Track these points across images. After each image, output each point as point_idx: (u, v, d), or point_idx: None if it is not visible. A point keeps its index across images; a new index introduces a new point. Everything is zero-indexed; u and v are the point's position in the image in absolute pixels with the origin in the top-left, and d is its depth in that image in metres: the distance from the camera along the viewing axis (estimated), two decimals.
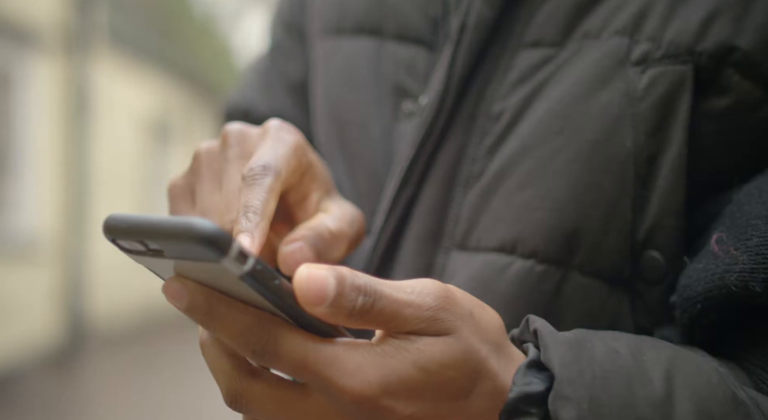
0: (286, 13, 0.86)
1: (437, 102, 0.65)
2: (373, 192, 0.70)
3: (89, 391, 6.89)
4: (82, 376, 7.55)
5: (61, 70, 8.39)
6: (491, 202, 0.63)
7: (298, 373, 0.46)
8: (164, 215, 0.44)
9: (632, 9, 0.61)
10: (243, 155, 0.59)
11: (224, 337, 0.46)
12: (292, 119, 0.81)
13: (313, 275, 0.44)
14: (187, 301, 0.46)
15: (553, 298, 0.60)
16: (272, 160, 0.57)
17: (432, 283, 0.48)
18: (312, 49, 0.80)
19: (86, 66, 8.72)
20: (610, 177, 0.59)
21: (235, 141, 0.60)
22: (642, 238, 0.59)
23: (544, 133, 0.61)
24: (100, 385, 7.10)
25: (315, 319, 0.46)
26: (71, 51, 8.51)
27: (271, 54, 0.87)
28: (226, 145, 0.60)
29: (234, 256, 0.42)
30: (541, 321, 0.52)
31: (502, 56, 0.65)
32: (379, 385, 0.45)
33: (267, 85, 0.85)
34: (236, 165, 0.59)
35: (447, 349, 0.47)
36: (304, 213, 0.62)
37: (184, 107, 12.65)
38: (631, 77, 0.60)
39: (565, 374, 0.48)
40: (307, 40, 0.83)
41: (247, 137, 0.60)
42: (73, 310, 8.66)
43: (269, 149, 0.58)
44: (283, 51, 0.85)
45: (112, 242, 0.46)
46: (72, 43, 8.49)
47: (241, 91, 0.88)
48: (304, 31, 0.83)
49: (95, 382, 7.26)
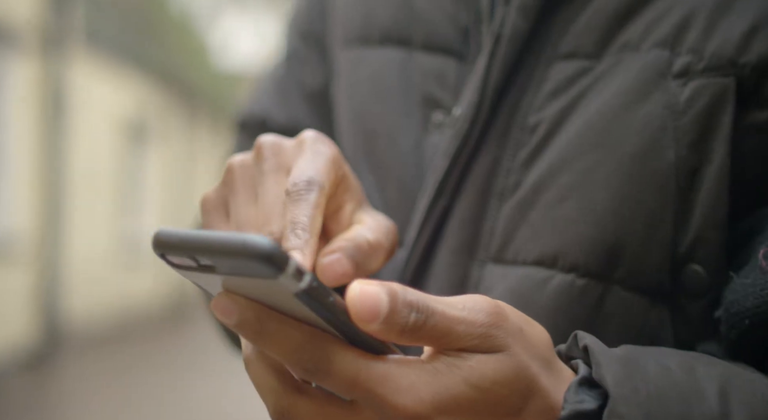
0: (303, 20, 0.85)
1: (472, 113, 0.65)
2: (403, 203, 0.69)
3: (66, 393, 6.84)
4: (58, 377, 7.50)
5: (37, 70, 8.33)
6: (529, 215, 0.63)
7: (349, 391, 0.45)
8: (217, 231, 0.44)
9: (673, 21, 0.61)
10: (279, 167, 0.59)
11: (275, 354, 0.46)
12: (309, 128, 0.79)
13: (366, 291, 0.44)
14: (237, 318, 0.45)
15: (594, 313, 0.60)
16: (315, 174, 0.56)
17: (483, 299, 0.48)
18: (334, 59, 0.79)
19: (62, 66, 8.66)
20: (652, 190, 0.59)
21: (270, 153, 0.60)
22: (684, 252, 0.59)
23: (584, 145, 0.61)
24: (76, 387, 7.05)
25: (367, 335, 0.45)
26: (47, 51, 8.45)
27: (287, 62, 0.86)
28: (261, 158, 0.59)
29: (291, 273, 0.42)
30: (591, 337, 0.52)
31: (537, 68, 0.65)
32: (431, 403, 0.45)
33: (283, 93, 0.84)
34: (272, 177, 0.58)
35: (499, 366, 0.46)
36: (337, 225, 0.61)
37: (161, 107, 12.59)
38: (672, 90, 0.59)
39: (619, 392, 0.48)
40: (326, 49, 0.82)
41: (282, 149, 0.60)
42: (50, 311, 8.60)
43: (310, 163, 0.57)
44: (300, 59, 0.84)
45: (160, 257, 0.46)
46: (48, 43, 8.44)
47: (256, 100, 0.87)
48: (323, 40, 0.82)
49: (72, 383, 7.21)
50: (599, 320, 0.60)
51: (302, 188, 0.55)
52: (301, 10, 0.86)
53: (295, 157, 0.59)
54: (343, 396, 0.47)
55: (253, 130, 0.84)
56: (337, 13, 0.80)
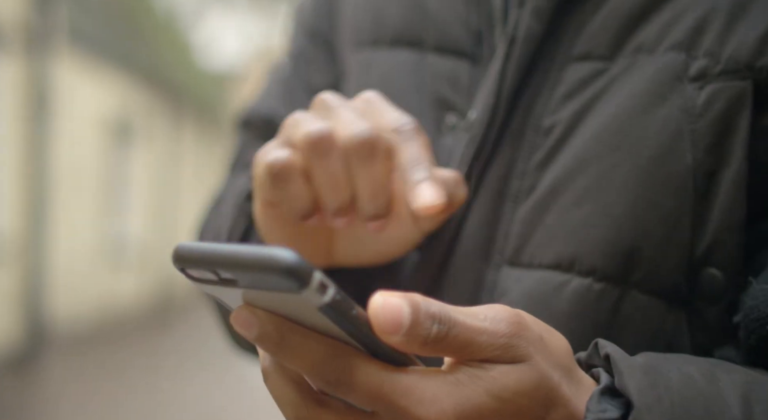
0: (309, 20, 0.85)
1: (487, 117, 0.65)
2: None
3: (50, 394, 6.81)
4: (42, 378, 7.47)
5: (20, 69, 8.29)
6: (545, 217, 0.63)
7: (372, 403, 0.45)
8: (240, 245, 0.43)
9: (688, 24, 0.60)
10: (348, 105, 0.62)
11: (296, 367, 0.45)
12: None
13: (389, 303, 0.44)
14: (258, 331, 0.45)
15: (611, 317, 0.60)
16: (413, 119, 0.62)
17: (504, 309, 0.47)
18: (344, 60, 0.80)
19: (46, 65, 8.62)
20: (670, 193, 0.59)
21: (335, 100, 0.63)
22: (701, 255, 0.59)
23: (600, 148, 0.61)
24: (60, 387, 7.02)
25: (388, 347, 0.45)
26: (31, 50, 8.40)
27: (293, 61, 0.85)
28: (325, 103, 0.63)
29: (315, 287, 0.42)
30: (613, 345, 0.51)
31: (550, 69, 0.65)
32: (454, 414, 0.45)
33: (289, 93, 0.84)
34: (344, 108, 0.62)
35: (521, 376, 0.46)
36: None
37: (146, 107, 12.55)
38: (689, 93, 0.59)
39: (643, 402, 0.47)
40: (333, 48, 0.82)
41: (350, 101, 0.64)
42: (33, 311, 8.56)
43: (399, 110, 0.62)
44: (307, 59, 0.84)
45: (180, 271, 0.45)
46: (32, 43, 8.39)
47: (261, 98, 0.87)
48: (330, 40, 0.82)
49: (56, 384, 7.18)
50: (616, 324, 0.60)
51: (412, 128, 0.60)
52: (307, 9, 0.86)
53: (372, 108, 0.63)
54: (365, 408, 0.47)
55: (259, 129, 0.84)
56: (345, 15, 0.80)
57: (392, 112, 0.62)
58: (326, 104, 0.62)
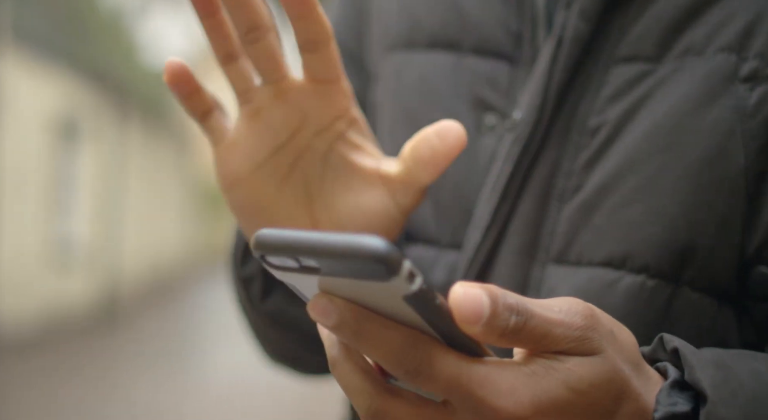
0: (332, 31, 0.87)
1: (534, 117, 0.66)
2: (457, 204, 0.70)
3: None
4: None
5: None
6: (593, 217, 0.63)
7: (449, 392, 0.45)
8: (325, 233, 0.43)
9: (738, 26, 0.61)
10: None
11: (373, 356, 0.46)
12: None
13: (469, 294, 0.44)
14: (336, 319, 0.45)
15: (663, 314, 0.61)
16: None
17: (577, 302, 0.48)
18: (376, 65, 0.80)
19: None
20: (722, 194, 0.60)
21: None
22: (752, 254, 0.60)
23: (651, 148, 0.62)
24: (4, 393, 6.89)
25: (465, 337, 0.46)
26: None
27: None
28: None
29: (405, 276, 0.42)
30: (680, 340, 0.52)
31: (595, 71, 0.66)
32: (530, 405, 0.45)
33: None
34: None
35: (595, 369, 0.47)
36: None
37: (92, 106, 12.39)
38: (740, 94, 0.60)
39: (717, 395, 0.48)
40: (358, 58, 0.83)
41: None
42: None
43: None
44: None
45: (260, 259, 0.46)
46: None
47: None
48: (356, 52, 0.84)
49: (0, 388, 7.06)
50: (668, 321, 0.61)
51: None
52: (331, 22, 0.87)
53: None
54: (440, 397, 0.47)
55: None
56: (377, 21, 0.81)
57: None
58: None
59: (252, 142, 0.63)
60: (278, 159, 0.64)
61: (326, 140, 0.64)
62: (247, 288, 0.76)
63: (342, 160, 0.65)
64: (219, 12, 0.60)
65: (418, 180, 0.63)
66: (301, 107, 0.63)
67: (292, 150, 0.64)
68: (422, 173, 0.62)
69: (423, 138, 0.62)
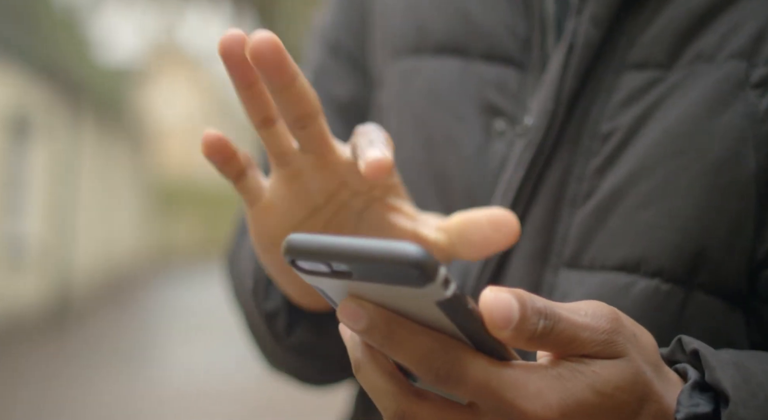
0: (331, 35, 0.86)
1: (546, 122, 0.67)
2: (467, 209, 0.70)
3: None
4: None
5: None
6: (607, 221, 0.64)
7: (479, 396, 0.46)
8: (359, 238, 0.44)
9: (748, 33, 0.63)
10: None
11: (404, 361, 0.46)
12: (342, 140, 0.82)
13: (500, 298, 0.45)
14: (366, 323, 0.45)
15: (676, 317, 0.62)
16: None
17: (602, 306, 0.49)
18: (379, 71, 0.81)
19: None
20: (735, 198, 0.61)
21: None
22: (761, 258, 0.61)
23: (665, 153, 0.63)
24: None
25: (494, 341, 0.46)
26: None
27: (314, 76, 0.86)
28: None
29: (440, 282, 0.42)
30: (699, 342, 0.53)
31: (605, 77, 0.67)
32: (558, 408, 0.46)
33: None
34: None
35: (620, 371, 0.48)
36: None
37: (44, 103, 12.22)
38: (751, 99, 0.62)
39: (739, 396, 0.50)
40: (359, 62, 0.84)
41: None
42: None
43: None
44: (330, 73, 0.85)
45: (290, 263, 0.46)
46: None
47: None
48: (356, 55, 0.84)
49: None
50: (681, 324, 0.62)
51: (373, 128, 0.58)
52: (328, 26, 0.87)
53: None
54: (469, 400, 0.48)
55: None
56: (382, 26, 0.81)
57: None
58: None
59: (289, 205, 0.62)
60: (314, 219, 0.64)
61: (363, 200, 0.65)
62: (271, 323, 0.74)
63: (377, 218, 0.65)
64: (258, 83, 0.57)
65: (460, 255, 0.64)
66: (339, 174, 0.62)
67: (329, 210, 0.64)
68: (468, 253, 0.63)
69: (474, 223, 0.63)
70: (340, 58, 0.84)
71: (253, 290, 0.74)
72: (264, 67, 0.53)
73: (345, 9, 0.86)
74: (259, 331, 0.77)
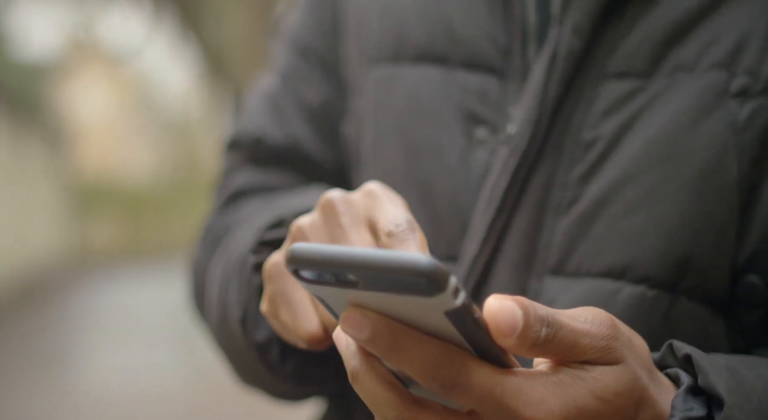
0: (300, 37, 0.85)
1: (530, 130, 0.67)
2: (451, 217, 0.71)
3: None
4: None
5: None
6: (592, 228, 0.65)
7: (483, 404, 0.47)
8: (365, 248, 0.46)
9: (727, 43, 0.64)
10: (357, 220, 0.60)
11: (408, 369, 0.47)
12: (311, 147, 0.82)
13: (505, 306, 0.46)
14: (371, 332, 0.46)
15: (662, 323, 0.63)
16: (408, 215, 0.59)
17: (600, 312, 0.50)
18: (354, 77, 0.80)
19: None
20: (720, 205, 0.63)
21: (344, 207, 0.61)
22: (742, 264, 0.63)
23: (649, 161, 0.64)
24: None
25: (496, 348, 0.47)
26: None
27: (282, 79, 0.85)
28: (335, 212, 0.61)
29: (450, 291, 0.43)
30: (690, 347, 0.55)
31: (586, 86, 0.67)
32: (560, 415, 0.47)
33: (278, 111, 0.84)
34: (354, 230, 0.60)
35: (619, 377, 0.49)
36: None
37: None
38: (732, 108, 0.63)
39: (734, 400, 0.51)
40: (331, 66, 0.83)
41: (353, 202, 0.61)
42: None
43: (398, 207, 0.60)
44: (299, 76, 0.84)
45: (292, 273, 0.46)
46: None
47: (248, 118, 0.86)
48: (327, 59, 0.83)
49: None
50: (666, 330, 0.63)
51: (406, 228, 0.58)
52: (297, 28, 0.86)
53: (371, 207, 0.60)
54: (466, 407, 0.48)
55: (247, 150, 0.85)
56: (359, 31, 0.80)
57: (390, 209, 0.60)
58: (334, 212, 0.61)
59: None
60: None
61: None
62: (263, 354, 0.70)
63: None
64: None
65: None
66: None
67: None
68: None
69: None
70: (310, 62, 0.84)
71: (242, 320, 0.70)
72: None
73: (315, 12, 0.85)
74: (246, 361, 0.74)
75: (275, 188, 0.83)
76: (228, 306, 0.73)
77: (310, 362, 0.71)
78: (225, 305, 0.73)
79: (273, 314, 0.65)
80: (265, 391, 0.79)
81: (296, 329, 0.62)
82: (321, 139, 0.82)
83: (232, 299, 0.72)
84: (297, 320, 0.62)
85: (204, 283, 0.81)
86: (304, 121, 0.83)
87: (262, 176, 0.84)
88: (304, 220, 0.62)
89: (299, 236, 0.62)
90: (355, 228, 0.60)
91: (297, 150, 0.82)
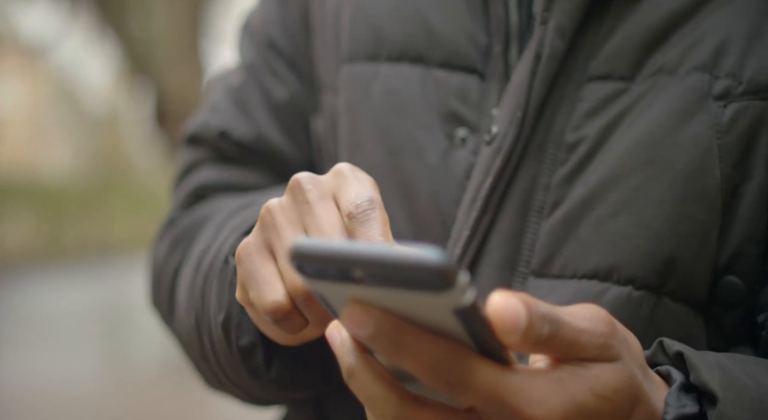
0: (265, 32, 0.84)
1: (515, 131, 0.67)
2: (433, 218, 0.70)
3: None
4: None
5: None
6: (577, 230, 0.65)
7: (485, 402, 0.47)
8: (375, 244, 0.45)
9: (709, 46, 0.65)
10: (324, 196, 0.59)
11: (411, 367, 0.47)
12: (277, 142, 0.82)
13: (509, 304, 0.46)
14: (374, 329, 0.45)
15: (647, 324, 0.64)
16: (373, 194, 0.58)
17: (598, 309, 0.51)
18: (326, 73, 0.79)
19: None
20: (703, 207, 0.63)
21: (310, 185, 0.60)
22: (723, 264, 0.64)
23: (634, 163, 0.65)
24: None
25: (498, 346, 0.47)
26: None
27: (246, 73, 0.84)
28: (301, 191, 0.60)
29: (461, 288, 0.43)
30: (681, 344, 0.56)
31: (568, 87, 0.68)
32: (561, 412, 0.48)
33: (242, 105, 0.83)
34: (321, 205, 0.58)
35: (617, 375, 0.50)
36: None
37: None
38: (714, 111, 0.64)
39: (727, 397, 0.52)
40: (297, 63, 0.82)
41: (320, 181, 0.60)
42: None
43: (362, 185, 0.58)
44: (264, 71, 0.83)
45: (296, 268, 0.45)
46: None
47: (210, 112, 0.85)
48: (292, 55, 0.82)
49: None
50: (651, 331, 0.63)
51: (366, 208, 0.57)
52: (260, 22, 0.85)
53: (338, 185, 0.59)
54: (465, 405, 0.48)
55: (211, 144, 0.84)
56: (332, 28, 0.79)
57: (354, 188, 0.59)
58: (301, 190, 0.59)
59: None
60: None
61: None
62: (248, 359, 0.68)
63: None
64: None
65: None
66: None
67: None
68: None
69: None
70: (276, 57, 0.83)
71: (224, 324, 0.68)
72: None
73: (280, 8, 0.84)
74: (225, 365, 0.71)
75: (240, 185, 0.82)
76: (207, 309, 0.70)
77: (296, 366, 0.70)
78: (201, 308, 0.71)
79: (245, 299, 0.61)
80: (238, 396, 0.77)
81: (261, 302, 0.58)
82: (288, 135, 0.82)
83: (212, 302, 0.70)
84: (261, 293, 0.58)
85: (171, 282, 0.79)
86: (271, 117, 0.82)
87: (227, 173, 0.83)
88: (273, 202, 0.61)
89: (267, 217, 0.60)
90: (322, 202, 0.58)
91: (263, 145, 0.81)
